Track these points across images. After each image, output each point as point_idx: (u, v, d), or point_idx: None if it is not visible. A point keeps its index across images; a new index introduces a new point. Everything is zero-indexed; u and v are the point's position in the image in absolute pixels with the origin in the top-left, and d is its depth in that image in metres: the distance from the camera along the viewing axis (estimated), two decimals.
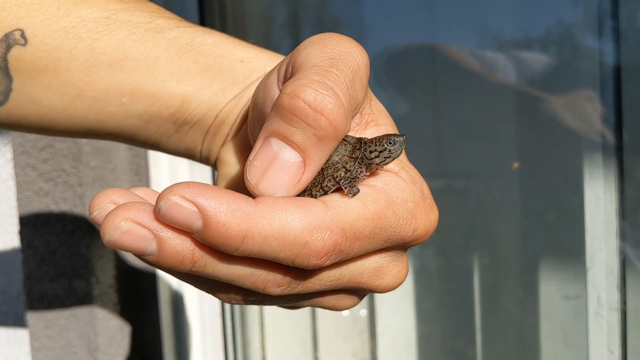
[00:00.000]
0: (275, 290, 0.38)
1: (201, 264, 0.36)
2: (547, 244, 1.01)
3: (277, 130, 0.37)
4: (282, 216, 0.35)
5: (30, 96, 0.50)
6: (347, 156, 0.40)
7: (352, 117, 0.40)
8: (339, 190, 0.40)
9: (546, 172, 1.00)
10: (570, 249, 0.96)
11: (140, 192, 0.40)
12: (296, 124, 0.37)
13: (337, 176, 0.39)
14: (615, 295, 0.90)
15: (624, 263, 0.89)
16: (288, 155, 0.37)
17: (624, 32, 0.88)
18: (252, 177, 0.37)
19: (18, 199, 1.15)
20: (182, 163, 1.17)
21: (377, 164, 0.40)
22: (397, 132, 0.43)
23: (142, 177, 1.11)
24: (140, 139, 0.53)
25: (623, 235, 0.89)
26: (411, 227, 0.40)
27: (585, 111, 0.92)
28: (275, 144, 0.37)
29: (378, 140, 0.40)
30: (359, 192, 0.38)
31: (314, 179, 0.40)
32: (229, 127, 0.50)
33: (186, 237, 0.35)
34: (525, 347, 1.06)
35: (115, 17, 0.50)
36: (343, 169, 0.40)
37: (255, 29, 1.24)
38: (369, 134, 0.43)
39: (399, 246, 0.41)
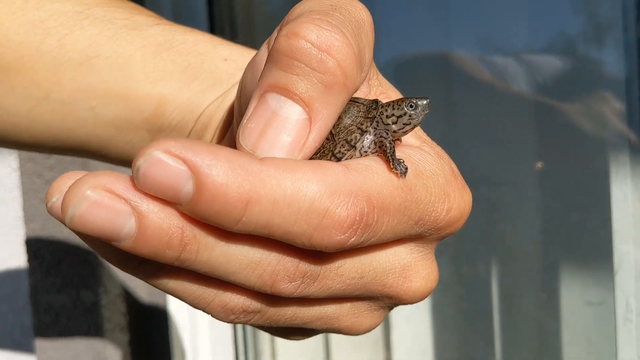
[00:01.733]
0: (287, 288, 0.31)
1: (193, 248, 0.29)
2: (570, 247, 0.99)
3: (274, 83, 0.31)
4: (295, 177, 0.29)
5: None
6: (362, 117, 0.34)
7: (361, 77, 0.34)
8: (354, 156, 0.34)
9: (568, 174, 0.98)
10: (595, 252, 0.94)
11: None
12: (297, 69, 0.30)
13: (351, 139, 0.33)
14: None
15: None
16: (290, 111, 0.31)
17: None
18: (247, 142, 0.31)
19: (24, 208, 1.14)
20: None
21: (394, 132, 0.34)
22: (412, 96, 0.37)
23: None
24: (112, 151, 0.48)
25: None
26: (445, 205, 0.34)
27: (607, 114, 0.90)
28: (273, 100, 0.31)
29: (397, 103, 0.34)
30: (407, 169, 0.32)
31: (322, 146, 0.34)
32: (213, 133, 0.45)
33: (173, 210, 0.28)
34: (546, 354, 1.03)
35: (89, 12, 0.46)
36: (358, 130, 0.34)
37: (265, 33, 1.23)
38: None
39: (430, 234, 0.35)
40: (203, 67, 0.46)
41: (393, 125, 0.34)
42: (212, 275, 0.31)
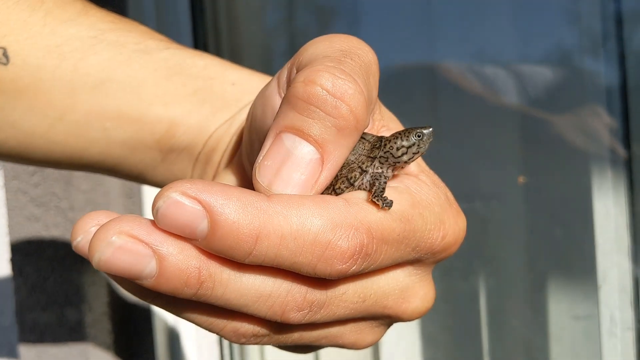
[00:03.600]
0: (295, 316, 0.34)
1: (209, 285, 0.31)
2: (555, 262, 0.98)
3: (290, 124, 0.33)
4: (300, 212, 0.32)
5: (10, 119, 0.47)
6: (365, 155, 0.37)
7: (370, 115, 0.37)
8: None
9: (553, 188, 0.97)
10: (580, 267, 0.93)
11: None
12: (312, 114, 0.33)
13: (351, 177, 0.36)
14: (629, 314, 0.87)
15: (637, 279, 0.86)
16: (304, 151, 0.33)
17: (628, 51, 0.87)
18: (264, 179, 0.34)
19: (9, 226, 1.13)
20: None
21: (405, 162, 0.37)
22: (417, 126, 0.40)
23: (135, 200, 1.08)
24: (125, 169, 0.50)
25: (635, 251, 0.86)
26: (440, 233, 0.37)
27: (593, 126, 0.90)
28: (289, 140, 0.34)
29: (404, 134, 0.37)
30: (392, 203, 0.35)
31: None
32: (221, 155, 0.47)
33: (190, 254, 0.31)
34: None
35: (103, 37, 0.48)
36: (359, 169, 0.36)
37: (249, 50, 1.23)
38: None
39: (427, 258, 0.38)
40: (212, 91, 0.48)
41: (404, 156, 0.36)
42: (227, 307, 0.33)
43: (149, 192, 1.11)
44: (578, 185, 0.92)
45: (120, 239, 0.30)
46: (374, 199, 0.34)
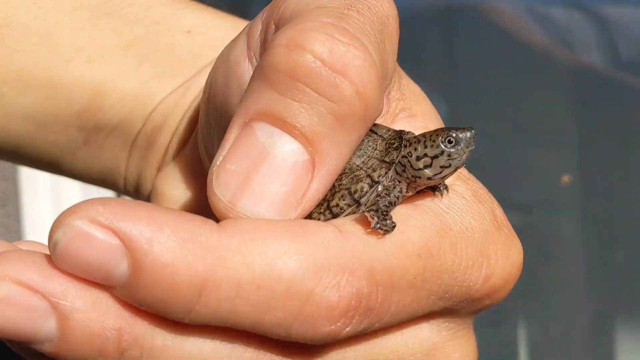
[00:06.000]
0: None
1: (134, 354, 0.24)
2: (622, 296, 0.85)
3: (266, 110, 0.25)
4: (266, 249, 0.24)
5: None
6: (377, 159, 0.28)
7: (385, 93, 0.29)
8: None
9: (613, 191, 0.84)
10: None
11: (26, 247, 0.26)
12: (300, 95, 0.25)
13: (356, 191, 0.27)
14: None
15: None
16: (286, 150, 0.25)
17: None
18: (225, 191, 0.26)
19: None
20: (73, 189, 0.92)
21: (429, 178, 0.27)
22: (450, 127, 0.29)
23: (10, 209, 0.92)
24: (32, 153, 0.43)
25: None
26: (482, 272, 0.28)
27: None
28: (264, 133, 0.26)
29: (429, 138, 0.27)
30: (394, 227, 0.25)
31: None
32: (169, 138, 0.40)
33: (107, 309, 0.23)
34: None
35: None
36: (368, 179, 0.27)
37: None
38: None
39: (462, 308, 0.29)
40: (158, 43, 0.41)
41: (427, 170, 0.27)
42: None
43: (29, 198, 0.93)
44: None
45: (4, 289, 0.23)
46: (366, 213, 0.26)
